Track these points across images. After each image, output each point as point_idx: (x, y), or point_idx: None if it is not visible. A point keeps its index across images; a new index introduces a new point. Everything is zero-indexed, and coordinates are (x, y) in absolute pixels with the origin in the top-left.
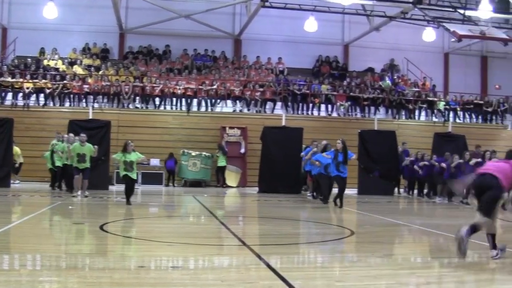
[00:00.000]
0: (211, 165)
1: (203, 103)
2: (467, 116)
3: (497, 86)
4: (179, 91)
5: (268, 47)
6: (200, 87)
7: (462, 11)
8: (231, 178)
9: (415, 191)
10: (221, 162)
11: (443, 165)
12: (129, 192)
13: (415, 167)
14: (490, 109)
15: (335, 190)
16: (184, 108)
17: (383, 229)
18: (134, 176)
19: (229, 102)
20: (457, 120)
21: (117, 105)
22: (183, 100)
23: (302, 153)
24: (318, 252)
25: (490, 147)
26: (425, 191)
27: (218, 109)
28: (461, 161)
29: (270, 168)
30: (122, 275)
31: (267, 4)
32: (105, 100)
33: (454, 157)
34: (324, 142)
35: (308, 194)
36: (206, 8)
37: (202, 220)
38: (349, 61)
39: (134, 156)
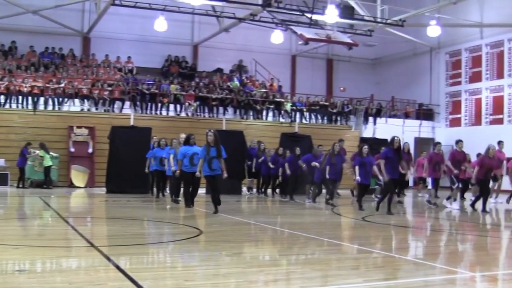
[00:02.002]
0: (58, 165)
1: (50, 102)
2: (313, 116)
3: (342, 88)
4: (25, 89)
5: (118, 45)
6: (47, 85)
7: (309, 15)
8: (79, 178)
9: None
10: (47, 162)
11: (315, 163)
12: None
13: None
14: (335, 110)
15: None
16: (30, 106)
17: (232, 228)
18: None
19: (76, 101)
20: (304, 121)
21: None
22: (30, 98)
23: (166, 155)
24: (167, 252)
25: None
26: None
27: (65, 108)
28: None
29: (118, 168)
30: None
31: (116, 2)
32: None
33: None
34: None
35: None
36: (54, 4)
37: (49, 221)
38: (198, 61)
39: None
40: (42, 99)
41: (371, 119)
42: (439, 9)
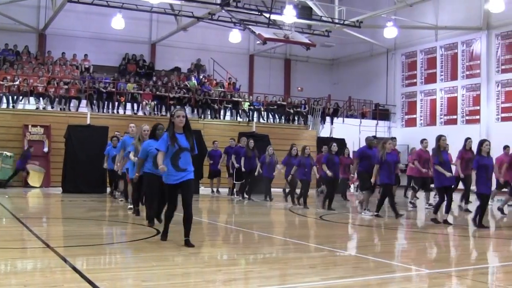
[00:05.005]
0: (12, 164)
1: (4, 100)
2: (270, 116)
3: (299, 88)
4: None
5: (74, 43)
6: (1, 82)
7: (267, 15)
8: (34, 178)
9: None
10: None
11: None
12: None
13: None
14: (292, 110)
15: None
16: None
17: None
18: None
19: (32, 99)
20: (261, 120)
21: None
22: None
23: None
24: (124, 252)
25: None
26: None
27: (20, 106)
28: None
29: (75, 167)
30: None
31: None
32: None
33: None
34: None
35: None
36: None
37: (3, 222)
38: (155, 60)
39: None
40: None
41: (328, 119)
42: (395, 11)
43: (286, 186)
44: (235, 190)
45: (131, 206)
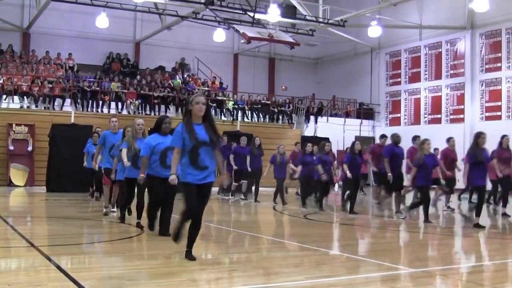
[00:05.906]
0: None
1: None
2: (255, 115)
3: (283, 87)
4: None
5: (58, 42)
6: None
7: (251, 14)
8: (18, 177)
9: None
10: None
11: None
12: None
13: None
14: (276, 109)
15: None
16: None
17: (175, 226)
18: None
19: (16, 98)
20: (245, 119)
21: None
22: None
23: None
24: (108, 252)
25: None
26: None
27: (4, 105)
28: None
29: (59, 166)
30: None
31: None
32: None
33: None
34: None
35: (113, 210)
36: None
37: None
38: (140, 59)
39: None
40: None
41: (312, 118)
42: (379, 10)
43: (298, 188)
44: (242, 190)
45: (114, 209)
